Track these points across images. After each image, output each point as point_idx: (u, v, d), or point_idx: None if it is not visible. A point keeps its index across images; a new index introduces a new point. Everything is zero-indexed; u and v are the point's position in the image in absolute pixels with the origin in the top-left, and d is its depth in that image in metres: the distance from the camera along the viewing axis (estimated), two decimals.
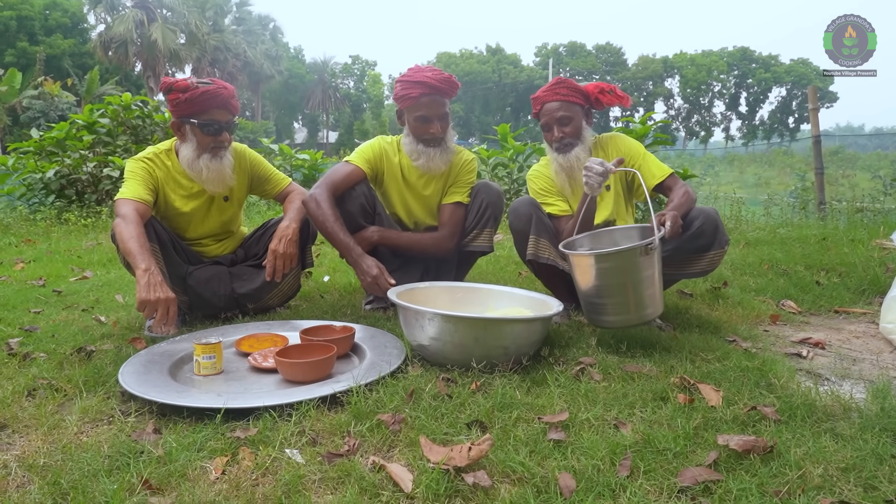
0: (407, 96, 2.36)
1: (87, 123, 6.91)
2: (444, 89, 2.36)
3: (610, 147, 2.38)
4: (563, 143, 2.29)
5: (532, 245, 2.26)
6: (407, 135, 2.46)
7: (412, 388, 1.58)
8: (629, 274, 1.86)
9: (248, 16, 41.73)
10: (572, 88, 2.30)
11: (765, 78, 49.04)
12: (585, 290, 1.98)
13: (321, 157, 7.31)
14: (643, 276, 1.87)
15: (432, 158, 2.41)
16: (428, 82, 2.32)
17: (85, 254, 4.39)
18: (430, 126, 2.38)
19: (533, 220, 2.26)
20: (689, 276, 2.24)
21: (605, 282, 1.90)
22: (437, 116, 2.38)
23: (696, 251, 2.13)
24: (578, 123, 2.30)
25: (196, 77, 2.30)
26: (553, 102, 2.30)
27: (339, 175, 2.40)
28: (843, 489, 1.12)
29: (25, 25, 29.00)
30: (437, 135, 2.40)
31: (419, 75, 2.34)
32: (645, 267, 1.86)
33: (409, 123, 2.43)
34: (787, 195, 8.15)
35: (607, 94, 2.31)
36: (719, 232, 2.11)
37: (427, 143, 2.41)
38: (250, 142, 15.82)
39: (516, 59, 54.21)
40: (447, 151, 2.45)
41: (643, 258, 1.84)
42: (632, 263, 1.85)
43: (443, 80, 2.35)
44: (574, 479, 1.14)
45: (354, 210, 2.42)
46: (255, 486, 1.16)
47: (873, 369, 1.85)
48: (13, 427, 1.44)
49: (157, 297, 1.93)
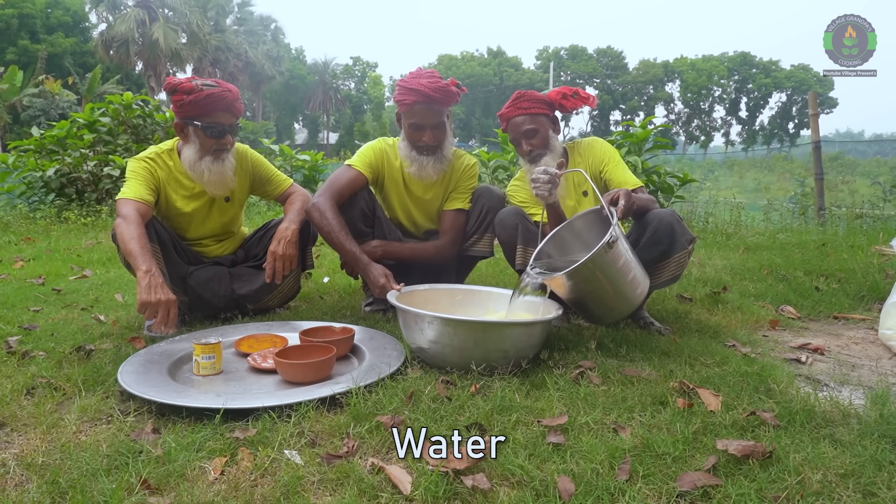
0: (402, 102, 2.33)
1: (87, 122, 6.91)
2: (439, 98, 2.30)
3: (585, 152, 2.41)
4: (532, 155, 2.33)
5: (520, 255, 2.26)
6: (403, 139, 2.44)
7: (411, 390, 1.58)
8: (604, 273, 1.86)
9: (249, 16, 41.75)
10: (534, 100, 2.33)
11: (765, 83, 49.11)
12: (571, 300, 2.01)
13: (321, 158, 7.31)
14: (618, 268, 1.88)
15: (424, 167, 2.39)
16: (422, 90, 2.27)
17: (84, 252, 4.39)
18: (423, 134, 2.35)
19: (519, 230, 2.26)
20: (660, 285, 2.19)
21: (585, 289, 1.93)
22: (431, 125, 2.34)
23: (659, 258, 2.12)
24: (545, 133, 2.32)
25: (199, 78, 2.30)
26: (518, 117, 2.33)
27: (341, 181, 2.39)
28: (841, 495, 1.12)
29: (27, 23, 28.99)
30: (430, 143, 2.37)
31: (415, 82, 2.29)
32: (615, 259, 1.86)
33: (404, 128, 2.42)
34: (787, 200, 8.16)
35: (570, 97, 2.33)
36: (676, 233, 2.09)
37: (420, 151, 2.39)
38: (251, 142, 15.82)
39: (517, 62, 54.29)
40: (441, 160, 2.41)
41: (609, 253, 1.83)
42: (602, 263, 1.84)
43: (438, 88, 2.29)
44: (573, 483, 1.14)
45: (355, 215, 2.41)
46: (253, 487, 1.16)
47: (872, 375, 1.86)
48: (12, 425, 1.44)
49: (158, 298, 1.93)
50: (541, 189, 2.05)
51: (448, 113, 2.42)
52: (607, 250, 1.82)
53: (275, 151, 7.70)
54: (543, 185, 2.04)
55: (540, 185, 2.05)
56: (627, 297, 1.95)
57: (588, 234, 2.17)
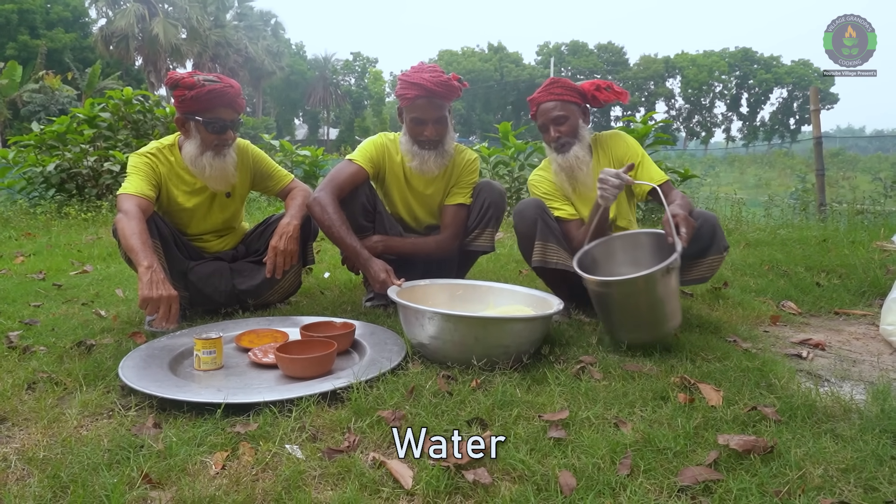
0: (404, 96, 2.31)
1: (87, 117, 6.89)
2: (440, 93, 2.28)
3: (610, 146, 2.36)
4: (560, 142, 2.26)
5: (539, 250, 2.22)
6: (404, 134, 2.42)
7: (412, 384, 1.58)
8: (649, 295, 1.83)
9: (249, 11, 41.68)
10: (567, 87, 2.27)
11: (766, 79, 48.99)
12: (602, 307, 1.95)
13: (322, 154, 7.29)
14: (664, 296, 1.83)
15: (426, 161, 2.36)
16: (425, 84, 2.25)
17: (85, 248, 4.39)
18: (424, 129, 2.33)
19: (538, 225, 2.22)
20: (688, 282, 2.22)
21: (622, 302, 1.87)
22: (433, 120, 2.32)
23: (694, 255, 2.11)
24: (575, 122, 2.27)
25: (201, 73, 2.29)
26: (548, 102, 2.27)
27: (343, 176, 2.37)
28: (843, 490, 1.12)
29: (27, 19, 28.92)
30: (431, 137, 2.34)
31: (417, 76, 2.27)
32: (665, 286, 1.82)
33: (406, 123, 2.39)
34: (788, 196, 8.15)
35: (604, 90, 2.28)
36: (717, 236, 2.10)
37: (422, 146, 2.36)
38: (251, 137, 15.78)
39: (518, 58, 54.14)
40: (443, 154, 2.39)
41: (663, 279, 1.80)
42: (652, 285, 1.81)
43: (440, 83, 2.27)
44: (574, 478, 1.14)
45: (356, 210, 2.41)
46: (255, 481, 1.16)
47: (873, 371, 1.86)
48: (13, 420, 1.44)
49: (160, 294, 1.93)
50: (608, 192, 2.00)
51: (449, 108, 2.41)
52: (663, 275, 1.79)
53: (275, 147, 7.68)
54: (612, 188, 1.99)
55: (608, 187, 2.00)
56: (659, 326, 1.89)
57: (637, 251, 2.13)
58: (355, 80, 52.92)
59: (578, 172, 2.26)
